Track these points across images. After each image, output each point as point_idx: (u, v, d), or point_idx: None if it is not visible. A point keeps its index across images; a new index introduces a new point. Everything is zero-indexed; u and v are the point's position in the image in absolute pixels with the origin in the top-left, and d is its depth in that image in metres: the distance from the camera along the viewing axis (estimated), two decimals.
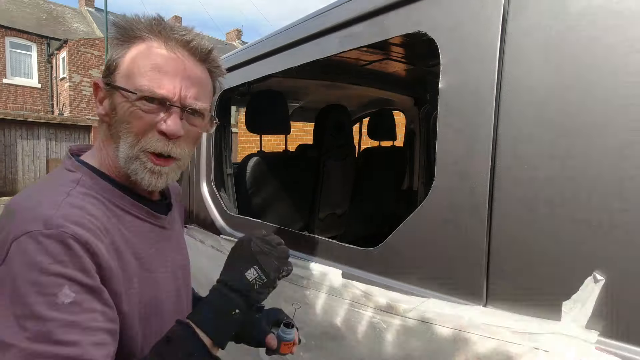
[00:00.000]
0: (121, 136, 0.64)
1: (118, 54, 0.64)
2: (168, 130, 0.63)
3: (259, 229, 0.81)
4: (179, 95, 0.63)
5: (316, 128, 2.17)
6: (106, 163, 0.67)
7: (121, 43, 0.64)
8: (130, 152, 0.64)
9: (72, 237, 0.52)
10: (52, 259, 0.50)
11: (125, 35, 0.64)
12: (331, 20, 1.07)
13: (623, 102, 0.59)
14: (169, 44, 0.64)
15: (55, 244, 0.51)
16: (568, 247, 0.64)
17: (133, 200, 0.67)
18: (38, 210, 0.54)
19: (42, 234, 0.50)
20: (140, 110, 0.63)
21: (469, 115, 0.75)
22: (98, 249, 0.55)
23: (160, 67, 0.63)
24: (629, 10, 0.58)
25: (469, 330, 0.73)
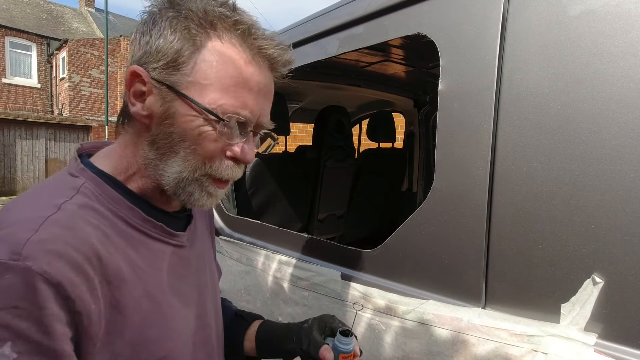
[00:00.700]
0: (177, 153, 0.52)
1: (184, 45, 0.50)
2: (245, 160, 0.55)
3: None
4: (257, 117, 0.54)
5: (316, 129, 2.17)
6: (123, 167, 0.55)
7: (189, 30, 0.50)
8: (189, 176, 0.53)
9: (41, 277, 0.40)
10: (3, 302, 0.38)
11: (200, 22, 0.50)
12: (331, 22, 1.07)
13: (622, 104, 0.59)
14: (253, 51, 0.52)
15: (16, 281, 0.39)
16: (567, 250, 0.64)
17: (144, 215, 0.55)
18: (11, 229, 0.42)
19: (4, 265, 0.39)
20: (215, 132, 0.51)
21: (469, 117, 0.76)
22: (75, 291, 0.42)
23: (245, 81, 0.52)
24: (628, 13, 0.58)
25: (467, 332, 0.73)
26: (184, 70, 0.50)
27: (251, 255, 1.35)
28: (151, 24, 0.51)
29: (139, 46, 0.52)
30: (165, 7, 0.51)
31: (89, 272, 0.44)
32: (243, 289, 1.38)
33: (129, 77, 0.52)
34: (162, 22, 0.50)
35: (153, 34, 0.50)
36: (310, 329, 0.72)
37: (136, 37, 0.53)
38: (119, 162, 0.55)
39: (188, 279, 0.62)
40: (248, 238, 1.42)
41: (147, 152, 0.54)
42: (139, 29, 0.53)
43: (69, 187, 0.50)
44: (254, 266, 1.32)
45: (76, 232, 0.45)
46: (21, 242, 0.41)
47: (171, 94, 0.51)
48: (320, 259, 1.11)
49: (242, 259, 1.39)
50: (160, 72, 0.50)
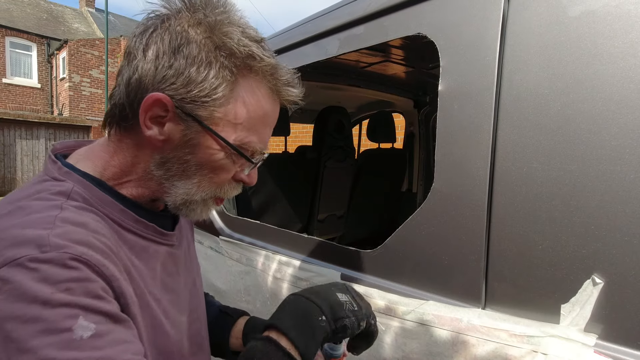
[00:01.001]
0: (190, 177, 0.53)
1: (222, 82, 0.49)
2: (251, 183, 0.58)
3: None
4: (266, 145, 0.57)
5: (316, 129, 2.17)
6: (113, 174, 0.54)
7: (227, 68, 0.49)
8: (198, 198, 0.55)
9: (77, 259, 0.41)
10: (54, 287, 0.38)
11: (236, 62, 0.50)
12: (331, 22, 1.07)
13: (622, 104, 0.59)
14: (275, 91, 0.54)
15: (56, 269, 0.39)
16: (567, 250, 0.64)
17: (136, 216, 0.54)
18: (24, 231, 0.42)
19: (36, 259, 0.39)
20: (232, 163, 0.54)
21: (469, 118, 0.76)
22: (112, 272, 0.44)
23: (267, 119, 0.55)
24: (628, 14, 0.58)
25: (467, 332, 0.73)
26: (215, 106, 0.50)
27: (251, 255, 1.35)
28: (178, 46, 0.48)
29: (159, 64, 0.49)
30: (197, 31, 0.49)
31: (114, 259, 0.46)
32: (243, 290, 1.38)
33: (150, 103, 0.49)
34: (195, 49, 0.48)
35: (181, 61, 0.48)
36: None
37: (152, 49, 0.49)
38: (105, 167, 0.54)
39: (179, 276, 0.63)
40: (248, 238, 1.42)
41: (154, 169, 0.53)
42: (156, 43, 0.49)
43: (58, 191, 0.49)
44: (253, 266, 1.32)
45: (89, 226, 0.46)
46: (43, 237, 0.41)
47: (197, 126, 0.50)
48: (320, 260, 1.11)
49: (242, 260, 1.39)
50: (190, 104, 0.49)
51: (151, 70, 0.49)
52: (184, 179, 0.53)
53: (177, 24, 0.49)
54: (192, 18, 0.50)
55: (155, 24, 0.50)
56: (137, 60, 0.50)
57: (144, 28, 0.51)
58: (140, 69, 0.49)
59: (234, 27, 0.50)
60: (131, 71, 0.50)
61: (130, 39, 0.52)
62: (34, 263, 0.39)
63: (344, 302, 0.60)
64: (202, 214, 0.57)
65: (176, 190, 0.54)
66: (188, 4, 0.51)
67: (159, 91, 0.49)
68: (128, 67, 0.51)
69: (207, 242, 1.60)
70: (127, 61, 0.51)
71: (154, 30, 0.50)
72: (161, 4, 0.51)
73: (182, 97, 0.49)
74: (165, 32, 0.49)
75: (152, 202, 0.59)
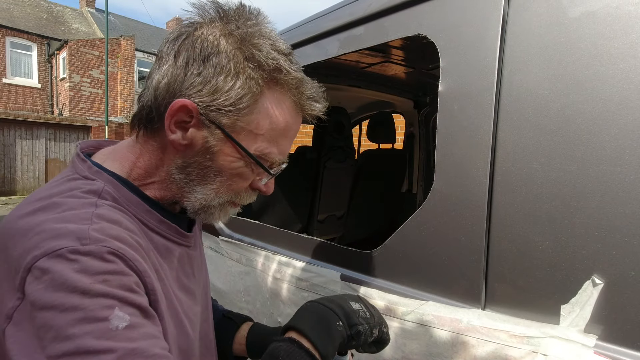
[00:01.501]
0: (209, 183, 0.55)
1: (247, 93, 0.50)
2: (268, 192, 0.60)
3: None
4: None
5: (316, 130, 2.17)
6: (139, 174, 0.56)
7: (254, 80, 0.51)
8: (216, 203, 0.56)
9: (114, 253, 0.42)
10: (93, 278, 0.40)
11: (264, 74, 0.51)
12: (332, 23, 1.07)
13: (622, 105, 0.59)
14: (299, 105, 0.55)
15: (94, 261, 0.41)
16: (567, 251, 0.64)
17: (161, 217, 0.56)
18: (64, 225, 0.43)
19: (76, 251, 0.40)
20: (251, 171, 0.56)
21: (469, 118, 0.76)
22: (144, 268, 0.46)
23: (288, 131, 0.55)
24: (628, 15, 0.58)
25: (467, 333, 0.73)
26: (240, 115, 0.51)
27: (251, 256, 1.35)
28: (208, 54, 0.49)
29: (188, 71, 0.50)
30: (229, 42, 0.50)
31: (146, 258, 0.48)
32: (243, 290, 1.38)
33: (176, 108, 0.50)
34: (225, 59, 0.49)
35: (210, 69, 0.49)
36: None
37: (182, 56, 0.50)
38: (132, 167, 0.55)
39: (194, 278, 0.64)
40: (248, 239, 1.42)
41: (175, 173, 0.55)
42: (187, 50, 0.50)
43: (90, 190, 0.50)
44: (253, 267, 1.32)
45: (123, 224, 0.48)
46: (84, 230, 0.42)
47: (220, 134, 0.52)
48: (320, 260, 1.11)
49: (241, 260, 1.39)
50: (214, 111, 0.50)
51: (180, 76, 0.50)
52: (202, 184, 0.55)
53: (210, 33, 0.50)
54: (224, 28, 0.51)
55: (188, 31, 0.51)
56: (168, 65, 0.51)
57: (177, 34, 0.52)
58: (169, 74, 0.51)
59: (264, 40, 0.51)
60: (161, 75, 0.51)
61: (163, 44, 0.53)
62: (74, 254, 0.40)
63: (357, 310, 0.62)
64: (220, 217, 0.59)
65: (195, 195, 0.55)
66: (222, 14, 0.52)
67: (186, 97, 0.50)
68: (158, 71, 0.52)
69: (207, 242, 1.60)
70: (157, 65, 0.53)
71: (186, 37, 0.51)
72: (196, 12, 0.53)
73: (208, 104, 0.50)
74: (197, 40, 0.50)
75: (172, 205, 0.60)
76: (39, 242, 0.41)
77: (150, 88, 0.52)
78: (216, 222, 0.60)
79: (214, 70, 0.49)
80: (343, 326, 0.58)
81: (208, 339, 0.68)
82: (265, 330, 0.78)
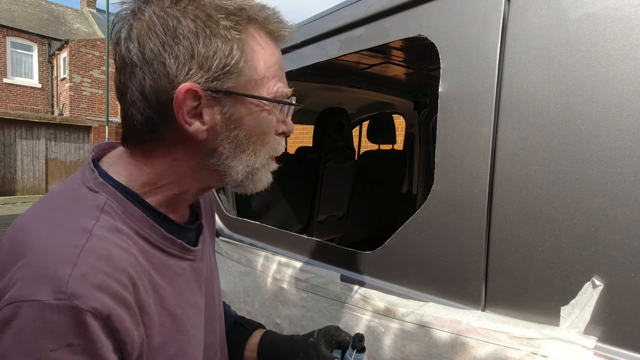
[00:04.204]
0: (245, 150, 0.53)
1: (231, 47, 0.48)
2: (290, 131, 0.57)
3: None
4: None
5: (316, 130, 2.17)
6: (143, 181, 0.53)
7: (228, 30, 0.47)
8: (259, 165, 0.54)
9: (89, 313, 0.39)
10: (58, 342, 0.37)
11: (232, 17, 0.48)
12: (332, 24, 1.08)
13: (622, 106, 0.59)
14: (273, 34, 0.53)
15: (66, 321, 0.38)
16: (567, 252, 0.64)
17: (165, 233, 0.53)
18: (48, 263, 0.40)
19: (49, 307, 0.37)
20: (274, 117, 0.54)
21: (469, 119, 0.76)
22: (121, 322, 0.42)
23: (279, 62, 0.54)
24: (628, 16, 0.58)
25: (467, 334, 0.73)
26: (237, 71, 0.48)
27: (251, 256, 1.35)
28: (174, 31, 0.46)
29: (164, 59, 0.46)
30: (181, 7, 0.46)
31: (130, 301, 0.44)
32: (242, 291, 1.38)
33: (182, 97, 0.47)
34: (192, 25, 0.46)
35: (185, 44, 0.46)
36: (317, 344, 0.71)
37: (148, 48, 0.46)
38: (137, 174, 0.52)
39: (200, 291, 0.62)
40: (248, 239, 1.42)
41: (204, 161, 0.52)
42: (150, 40, 0.46)
43: (92, 206, 0.47)
44: (253, 267, 1.32)
45: (113, 262, 0.44)
46: (63, 279, 0.39)
47: (231, 99, 0.49)
48: (320, 261, 1.11)
49: (241, 260, 1.39)
50: (215, 81, 0.48)
51: (161, 69, 0.47)
52: (239, 155, 0.53)
53: (155, 9, 0.46)
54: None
55: (133, 24, 0.47)
56: (139, 67, 0.47)
57: (127, 33, 0.48)
58: (149, 75, 0.47)
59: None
60: (139, 82, 0.47)
61: (115, 50, 0.49)
62: (45, 310, 0.38)
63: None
64: (267, 178, 0.57)
65: (235, 168, 0.53)
66: None
67: (181, 84, 0.47)
68: (132, 80, 0.48)
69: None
70: (124, 74, 0.48)
71: (138, 30, 0.47)
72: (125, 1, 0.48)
73: (205, 77, 0.47)
74: (152, 25, 0.46)
75: (181, 211, 0.58)
76: (20, 280, 0.39)
77: (136, 101, 0.48)
78: (264, 185, 0.57)
79: (189, 43, 0.46)
80: None
81: (212, 351, 0.66)
82: (277, 339, 0.76)
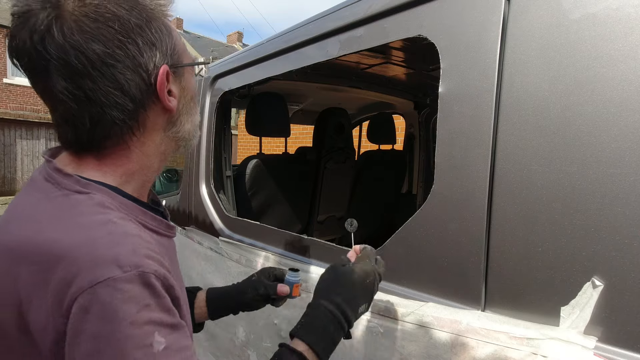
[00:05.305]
0: (189, 110, 0.62)
1: (169, 32, 0.56)
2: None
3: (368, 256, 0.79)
4: None
5: (316, 131, 2.17)
6: (119, 174, 0.56)
7: (161, 19, 0.55)
8: (196, 120, 0.65)
9: (153, 276, 0.45)
10: (138, 306, 0.43)
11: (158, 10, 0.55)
12: (332, 24, 1.08)
13: (622, 106, 0.59)
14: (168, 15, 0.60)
15: (138, 288, 0.44)
16: (567, 252, 0.64)
17: (153, 215, 0.58)
18: (98, 250, 0.44)
19: (122, 279, 0.43)
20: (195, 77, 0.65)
21: (469, 120, 0.76)
22: (171, 281, 0.48)
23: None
24: (628, 16, 0.58)
25: (467, 334, 0.73)
26: (177, 48, 0.58)
27: (251, 256, 1.35)
28: (134, 25, 0.51)
29: (136, 53, 0.51)
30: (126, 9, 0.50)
31: (168, 267, 0.49)
32: None
33: (162, 80, 0.54)
34: (143, 17, 0.52)
35: (143, 34, 0.52)
36: (260, 278, 0.90)
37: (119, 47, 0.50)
38: (111, 171, 0.55)
39: (177, 263, 0.68)
40: (248, 239, 1.42)
41: (166, 131, 0.59)
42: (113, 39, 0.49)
43: (93, 205, 0.50)
44: (253, 267, 1.32)
45: (143, 238, 0.49)
46: (120, 256, 0.44)
47: (181, 71, 0.59)
48: (320, 261, 1.11)
49: (241, 260, 1.39)
50: (169, 59, 0.56)
51: (134, 62, 0.51)
52: (188, 116, 0.62)
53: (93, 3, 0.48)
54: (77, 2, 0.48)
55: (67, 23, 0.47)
56: (112, 65, 0.50)
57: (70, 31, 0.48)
58: (127, 69, 0.51)
59: None
60: (115, 81, 0.50)
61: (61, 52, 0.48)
62: (119, 284, 0.42)
63: (359, 315, 0.69)
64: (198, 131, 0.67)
65: (187, 129, 0.62)
66: None
67: (156, 70, 0.53)
68: (102, 81, 0.50)
69: (206, 243, 1.60)
70: (91, 77, 0.49)
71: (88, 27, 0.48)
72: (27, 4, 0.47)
73: (165, 59, 0.55)
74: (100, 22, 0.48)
75: (146, 193, 0.63)
76: (81, 270, 0.43)
77: (116, 99, 0.51)
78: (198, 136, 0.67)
79: (145, 33, 0.52)
80: (344, 332, 0.67)
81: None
82: (222, 289, 0.90)
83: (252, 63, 1.44)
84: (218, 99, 1.64)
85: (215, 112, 1.64)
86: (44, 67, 0.48)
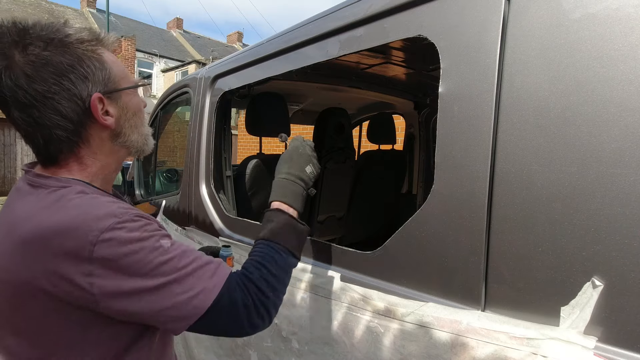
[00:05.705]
0: (135, 124, 0.76)
1: (102, 64, 0.70)
2: (146, 104, 0.82)
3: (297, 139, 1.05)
4: None
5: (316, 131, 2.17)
6: (87, 174, 0.71)
7: (95, 52, 0.69)
8: (145, 131, 0.79)
9: (139, 215, 0.64)
10: (139, 231, 0.62)
11: (94, 46, 0.69)
12: (332, 24, 1.08)
13: (622, 107, 0.59)
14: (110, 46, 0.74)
15: (133, 223, 0.62)
16: (567, 252, 0.64)
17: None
18: (94, 213, 0.60)
19: (120, 222, 0.60)
20: (138, 97, 0.79)
21: (469, 120, 0.76)
22: (152, 219, 0.68)
23: (121, 63, 0.78)
24: (628, 16, 0.58)
25: (467, 334, 0.73)
26: (111, 76, 0.70)
27: None
28: (67, 66, 0.64)
29: (70, 86, 0.65)
30: (59, 47, 0.64)
31: None
32: None
33: (95, 105, 0.67)
34: (70, 58, 0.65)
35: (75, 71, 0.65)
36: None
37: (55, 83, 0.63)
38: (79, 172, 0.71)
39: None
40: (248, 239, 1.42)
41: (114, 142, 0.74)
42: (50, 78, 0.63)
43: (78, 192, 0.65)
44: None
45: (122, 204, 0.66)
46: (114, 210, 0.62)
47: (117, 94, 0.72)
48: (320, 261, 1.11)
49: (241, 260, 1.39)
50: (105, 87, 0.69)
51: (69, 94, 0.65)
52: (134, 129, 0.76)
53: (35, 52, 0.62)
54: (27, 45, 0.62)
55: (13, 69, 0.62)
56: (50, 98, 0.64)
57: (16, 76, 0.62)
58: (63, 100, 0.65)
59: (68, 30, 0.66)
60: (55, 109, 0.64)
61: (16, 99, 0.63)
62: (120, 224, 0.60)
63: (310, 175, 0.98)
64: (152, 140, 0.82)
65: (135, 139, 0.76)
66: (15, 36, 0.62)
67: (89, 97, 0.67)
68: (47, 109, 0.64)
69: (206, 243, 1.60)
70: (38, 108, 0.64)
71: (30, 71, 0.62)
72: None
73: (98, 87, 0.68)
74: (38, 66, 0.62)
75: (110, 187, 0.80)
76: (89, 228, 0.58)
77: (59, 122, 0.65)
78: (152, 144, 0.82)
79: (77, 70, 0.65)
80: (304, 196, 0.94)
81: None
82: None
83: (252, 63, 1.44)
84: (218, 99, 1.64)
85: (215, 112, 1.64)
86: (4, 100, 0.63)
